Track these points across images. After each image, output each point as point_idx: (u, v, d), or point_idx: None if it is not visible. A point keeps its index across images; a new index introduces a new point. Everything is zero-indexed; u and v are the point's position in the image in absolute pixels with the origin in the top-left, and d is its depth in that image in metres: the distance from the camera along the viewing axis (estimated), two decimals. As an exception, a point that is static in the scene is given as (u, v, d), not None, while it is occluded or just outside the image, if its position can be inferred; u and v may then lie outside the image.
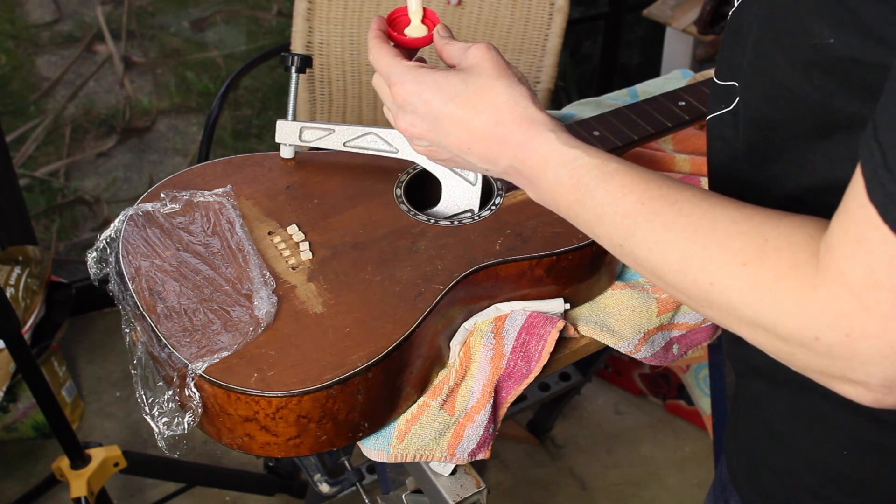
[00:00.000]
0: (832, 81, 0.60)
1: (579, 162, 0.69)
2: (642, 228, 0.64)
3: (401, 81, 0.77)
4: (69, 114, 2.95)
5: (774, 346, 0.59)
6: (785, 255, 0.57)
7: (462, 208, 1.05)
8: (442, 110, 0.75)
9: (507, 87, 0.74)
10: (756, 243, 0.58)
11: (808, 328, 0.55)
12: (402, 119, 0.79)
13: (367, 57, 0.84)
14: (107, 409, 2.14)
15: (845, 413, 0.70)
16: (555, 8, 1.80)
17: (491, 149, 0.74)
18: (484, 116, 0.74)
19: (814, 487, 0.74)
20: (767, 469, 0.77)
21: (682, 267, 0.61)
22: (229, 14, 3.41)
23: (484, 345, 0.98)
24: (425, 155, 0.81)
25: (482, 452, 0.98)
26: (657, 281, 0.65)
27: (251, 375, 0.86)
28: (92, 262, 1.01)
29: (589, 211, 0.68)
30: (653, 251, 0.63)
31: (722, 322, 0.62)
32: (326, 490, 1.49)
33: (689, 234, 0.61)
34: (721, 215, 0.61)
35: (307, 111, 1.88)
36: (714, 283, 0.59)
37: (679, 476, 2.06)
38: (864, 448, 0.70)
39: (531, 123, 0.73)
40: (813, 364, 0.57)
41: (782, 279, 0.56)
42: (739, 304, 0.58)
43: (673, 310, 1.08)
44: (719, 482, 0.86)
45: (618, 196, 0.66)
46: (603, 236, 0.68)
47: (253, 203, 1.05)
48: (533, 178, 0.72)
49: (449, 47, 0.81)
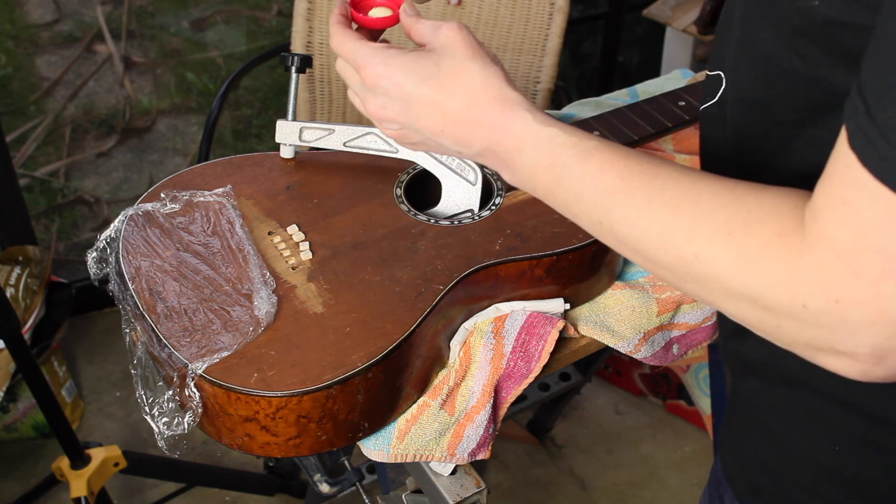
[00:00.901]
0: (817, 48, 0.60)
1: (556, 140, 0.68)
2: (623, 204, 0.63)
3: (370, 64, 0.75)
4: (69, 114, 2.95)
5: (760, 320, 0.58)
6: (770, 224, 0.56)
7: (462, 208, 1.05)
8: (413, 93, 0.73)
9: (480, 68, 0.72)
10: (741, 214, 0.57)
11: (795, 296, 0.54)
12: (371, 102, 0.76)
13: (329, 43, 0.80)
14: (107, 409, 2.14)
15: (838, 409, 0.70)
16: (555, 8, 1.80)
17: (465, 132, 0.72)
18: (458, 99, 0.72)
19: (807, 484, 0.74)
20: (761, 466, 0.78)
21: (665, 241, 0.60)
22: (229, 14, 3.41)
23: (484, 345, 0.98)
24: (395, 139, 0.78)
25: (482, 452, 0.98)
26: (638, 258, 0.64)
27: (251, 375, 0.86)
28: (92, 262, 1.01)
29: (567, 189, 0.67)
30: (634, 226, 0.62)
31: (706, 297, 0.61)
32: (326, 490, 1.49)
33: (672, 208, 0.60)
34: (704, 188, 0.60)
35: (307, 111, 1.88)
36: (699, 255, 0.58)
37: (679, 476, 2.06)
38: (856, 444, 0.70)
39: (506, 104, 0.71)
40: (800, 336, 0.56)
41: (769, 247, 0.55)
42: (725, 275, 0.57)
43: (673, 310, 1.08)
44: (714, 479, 0.86)
45: (597, 173, 0.65)
46: (581, 214, 0.67)
47: (253, 203, 1.05)
48: (509, 159, 0.71)
49: (418, 26, 0.78)
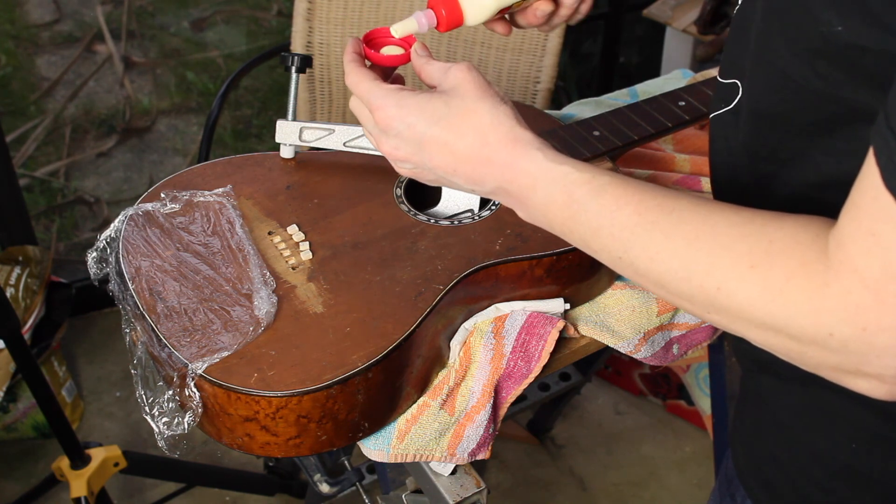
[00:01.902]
0: (838, 70, 0.60)
1: (570, 178, 0.68)
2: (641, 239, 0.64)
3: (383, 106, 0.76)
4: (69, 114, 2.95)
5: (785, 347, 0.59)
6: (793, 255, 0.57)
7: (462, 208, 1.05)
8: (426, 133, 0.74)
9: (490, 108, 0.73)
10: (762, 245, 0.58)
11: (822, 325, 0.55)
12: (385, 143, 0.78)
13: (344, 81, 0.83)
14: (107, 409, 2.14)
15: (853, 406, 0.70)
16: (555, 8, 1.80)
17: (477, 171, 0.73)
18: (469, 139, 0.73)
19: (821, 481, 0.74)
20: (774, 463, 0.77)
21: (686, 274, 0.61)
22: (229, 14, 3.41)
23: (484, 345, 0.98)
24: (410, 177, 0.80)
25: (482, 452, 0.98)
26: (659, 290, 0.65)
27: (251, 375, 0.86)
28: (92, 262, 1.01)
29: (583, 226, 0.68)
30: (654, 260, 0.63)
31: (728, 326, 0.62)
32: (326, 490, 1.49)
33: (691, 241, 0.61)
34: (721, 220, 0.61)
35: (307, 111, 1.88)
36: (721, 288, 0.59)
37: (679, 476, 2.06)
38: (871, 441, 0.70)
39: (516, 143, 0.72)
40: (826, 361, 0.57)
41: (793, 278, 0.56)
42: (749, 307, 0.58)
43: (673, 310, 1.08)
44: (725, 477, 0.86)
45: (613, 209, 0.66)
46: (600, 250, 0.68)
47: (253, 203, 1.05)
48: (522, 197, 0.72)
49: (428, 67, 0.80)
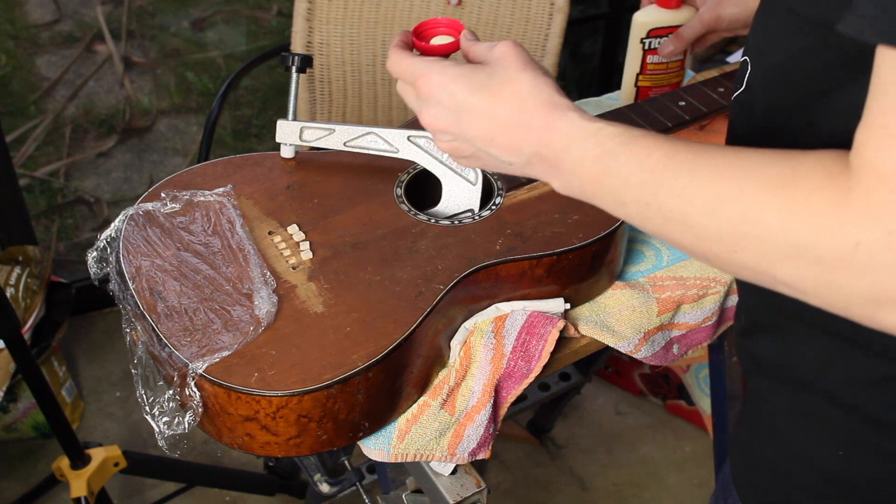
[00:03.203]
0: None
1: (603, 132, 0.69)
2: (669, 178, 0.63)
3: (425, 73, 0.78)
4: (69, 114, 2.95)
5: (814, 278, 0.57)
6: (818, 170, 0.56)
7: (462, 208, 1.05)
8: (466, 101, 0.76)
9: (531, 77, 0.75)
10: (788, 168, 0.58)
11: (847, 235, 0.54)
12: (426, 113, 0.79)
13: (386, 66, 0.84)
14: (107, 409, 2.14)
15: (843, 413, 0.70)
16: (555, 8, 1.81)
17: (515, 138, 0.74)
18: (508, 105, 0.74)
19: (811, 487, 0.74)
20: (766, 467, 0.78)
21: (714, 206, 0.60)
22: (229, 14, 3.41)
23: (484, 344, 0.98)
24: (449, 152, 0.81)
25: (482, 452, 0.98)
26: (687, 235, 0.63)
27: (251, 375, 0.86)
28: (92, 262, 1.01)
29: (614, 177, 0.67)
30: (681, 197, 0.62)
31: (757, 265, 0.60)
32: (326, 490, 1.49)
33: (720, 172, 0.61)
34: (749, 154, 0.61)
35: (307, 111, 1.88)
36: (746, 213, 0.58)
37: (679, 476, 2.06)
38: (861, 448, 0.70)
39: (554, 108, 0.73)
40: (856, 290, 0.55)
41: (817, 190, 0.55)
42: (774, 228, 0.57)
43: (673, 310, 1.08)
44: (722, 480, 0.87)
45: (644, 155, 0.66)
46: (630, 201, 0.67)
47: (253, 203, 1.05)
48: (557, 160, 0.72)
49: (475, 47, 0.82)
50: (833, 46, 0.62)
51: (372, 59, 1.86)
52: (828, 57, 0.63)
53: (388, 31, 1.85)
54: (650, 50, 1.24)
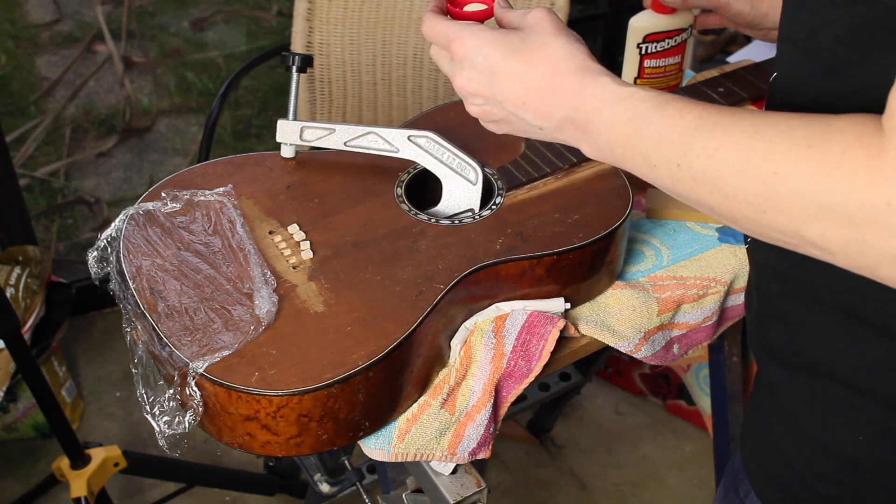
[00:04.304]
0: None
1: (636, 96, 0.69)
2: (700, 139, 0.63)
3: (460, 37, 0.79)
4: (69, 114, 2.95)
5: (844, 238, 0.56)
6: (850, 132, 0.56)
7: (463, 208, 1.05)
8: (499, 64, 0.76)
9: (564, 42, 0.75)
10: (821, 128, 0.57)
11: (879, 194, 0.53)
12: (459, 75, 0.79)
13: (421, 29, 0.85)
14: (107, 409, 2.14)
15: (861, 399, 0.69)
16: (555, 8, 1.80)
17: (546, 101, 0.74)
18: (540, 69, 0.75)
19: (827, 474, 0.74)
20: (781, 456, 0.77)
21: (744, 165, 0.60)
22: (229, 14, 3.41)
23: (484, 344, 0.98)
24: (479, 116, 0.81)
25: (482, 452, 0.98)
26: (716, 196, 0.63)
27: (252, 374, 0.86)
28: (93, 262, 1.01)
29: (645, 139, 0.67)
30: (712, 157, 0.62)
31: (786, 225, 0.59)
32: (326, 490, 1.49)
33: (751, 134, 0.60)
34: (781, 116, 0.60)
35: (307, 111, 1.88)
36: (778, 172, 0.58)
37: (679, 476, 2.06)
38: (879, 434, 0.70)
39: (586, 72, 0.73)
40: (888, 248, 0.55)
41: (850, 150, 0.55)
42: (805, 186, 0.56)
43: (673, 309, 1.08)
44: (731, 471, 0.86)
45: (675, 118, 0.66)
46: (661, 163, 0.67)
47: (253, 202, 1.05)
48: (588, 123, 0.72)
49: (508, 14, 0.83)
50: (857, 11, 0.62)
51: (372, 59, 1.86)
52: (850, 22, 0.63)
53: (388, 31, 1.85)
54: (647, 54, 1.25)
